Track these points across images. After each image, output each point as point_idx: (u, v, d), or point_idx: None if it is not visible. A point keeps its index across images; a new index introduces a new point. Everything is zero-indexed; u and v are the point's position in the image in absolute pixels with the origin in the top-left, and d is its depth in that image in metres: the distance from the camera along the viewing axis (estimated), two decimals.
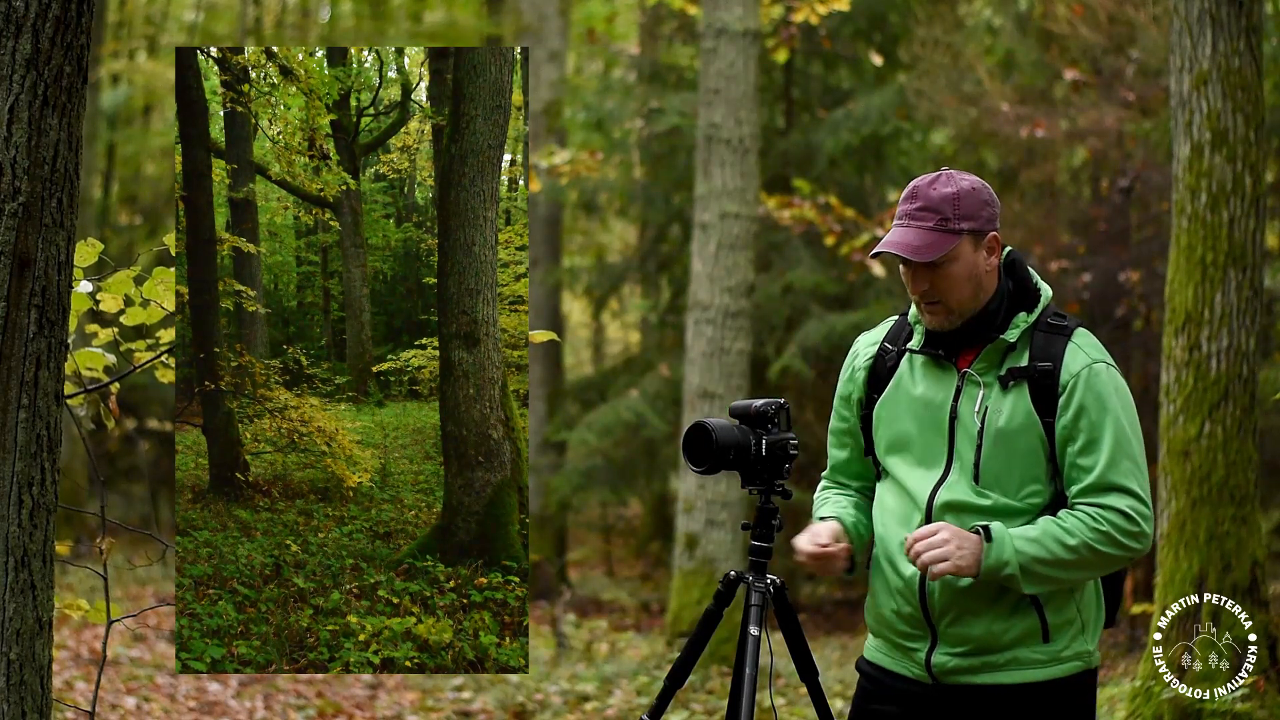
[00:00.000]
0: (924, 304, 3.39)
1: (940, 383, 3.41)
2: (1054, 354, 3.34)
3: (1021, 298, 3.41)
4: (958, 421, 3.37)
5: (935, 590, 3.36)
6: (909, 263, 3.36)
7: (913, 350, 3.46)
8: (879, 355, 3.53)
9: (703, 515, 10.63)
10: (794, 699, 8.09)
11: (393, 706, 8.74)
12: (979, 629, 3.34)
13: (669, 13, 15.53)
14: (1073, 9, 13.36)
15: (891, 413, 3.47)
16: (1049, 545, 3.25)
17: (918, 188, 3.38)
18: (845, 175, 14.18)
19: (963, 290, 3.35)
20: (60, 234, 3.21)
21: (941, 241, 3.32)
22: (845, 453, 3.64)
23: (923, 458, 3.41)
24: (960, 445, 3.36)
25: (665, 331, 15.44)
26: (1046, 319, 3.39)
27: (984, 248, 3.37)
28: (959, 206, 3.34)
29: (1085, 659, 3.39)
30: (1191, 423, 6.19)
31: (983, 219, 3.36)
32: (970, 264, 3.35)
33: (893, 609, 3.45)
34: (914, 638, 3.42)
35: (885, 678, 3.49)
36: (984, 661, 3.35)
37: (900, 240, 3.34)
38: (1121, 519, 3.26)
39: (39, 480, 3.21)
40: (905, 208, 3.38)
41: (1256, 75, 6.27)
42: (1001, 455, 3.33)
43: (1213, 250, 6.23)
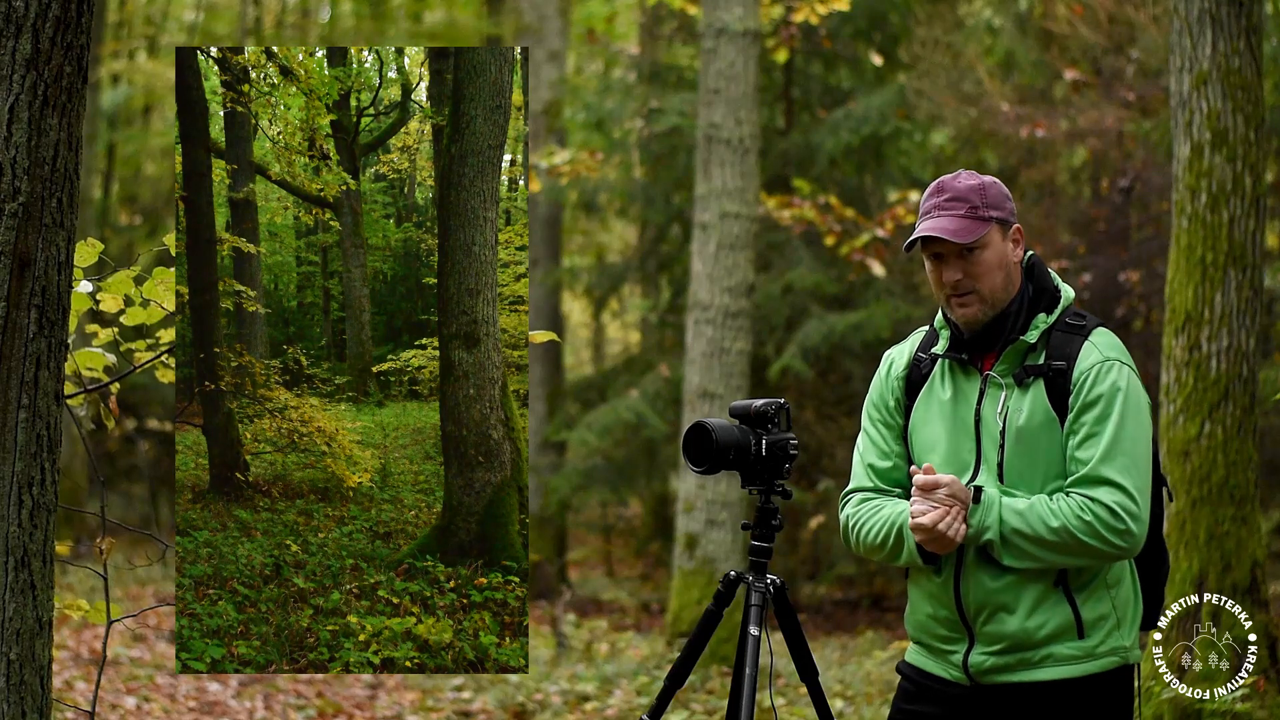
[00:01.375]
0: (955, 296, 3.42)
1: (965, 386, 3.46)
2: (1069, 353, 3.38)
3: (1040, 300, 3.45)
4: (981, 424, 3.41)
5: (969, 590, 3.39)
6: (940, 255, 3.41)
7: (938, 355, 3.49)
8: (914, 363, 3.56)
9: (703, 515, 10.63)
10: (794, 699, 8.09)
11: (393, 706, 8.74)
12: (1013, 625, 3.37)
13: (669, 13, 15.53)
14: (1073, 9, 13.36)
15: (924, 418, 3.50)
16: (1032, 520, 3.29)
17: (943, 182, 3.46)
18: (845, 175, 14.18)
19: (994, 278, 3.40)
20: (60, 234, 3.21)
21: (975, 227, 3.38)
22: (888, 462, 3.56)
23: (952, 461, 3.44)
24: (985, 447, 3.40)
25: (665, 331, 15.43)
26: (1066, 319, 3.44)
27: (1010, 238, 3.45)
28: (986, 196, 3.42)
29: (1122, 654, 3.41)
30: (1191, 423, 6.19)
31: (1007, 210, 3.45)
32: (1000, 252, 3.41)
33: (929, 613, 3.49)
34: (952, 640, 3.46)
35: (925, 680, 3.52)
36: (1020, 659, 3.38)
37: (936, 226, 3.39)
38: (1107, 514, 3.28)
39: (39, 480, 3.21)
40: (933, 201, 3.44)
41: (1256, 75, 6.27)
42: (1024, 454, 3.37)
43: (1213, 250, 6.23)
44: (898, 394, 3.56)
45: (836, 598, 14.41)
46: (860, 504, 3.55)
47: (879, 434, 3.57)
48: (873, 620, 13.03)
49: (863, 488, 3.57)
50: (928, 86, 13.90)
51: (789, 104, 14.43)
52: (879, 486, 3.55)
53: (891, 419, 3.56)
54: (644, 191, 14.63)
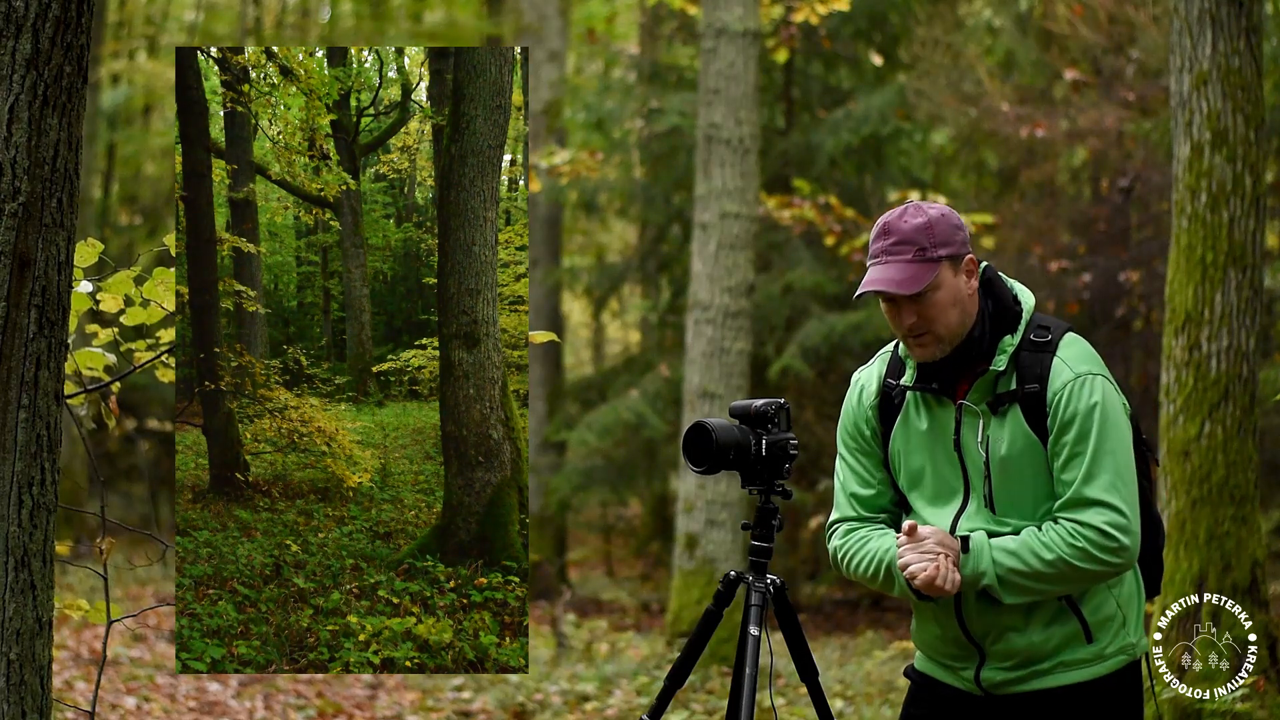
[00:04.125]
0: (912, 338, 3.36)
1: (941, 416, 3.42)
2: (1040, 373, 3.33)
3: (1002, 318, 3.39)
4: (964, 453, 3.38)
5: (972, 615, 3.39)
6: (893, 300, 3.34)
7: (908, 387, 3.44)
8: (883, 391, 3.50)
9: (703, 515, 10.63)
10: (794, 699, 8.09)
11: (393, 706, 8.74)
12: (1022, 643, 3.37)
13: (669, 13, 15.53)
14: (1073, 9, 13.36)
15: (905, 448, 3.47)
16: (1026, 557, 3.27)
17: (888, 223, 3.36)
18: (845, 175, 14.18)
19: (949, 317, 3.34)
20: (60, 234, 3.21)
21: (923, 272, 3.30)
22: (871, 490, 3.53)
23: (939, 491, 3.42)
24: (972, 476, 3.38)
25: (665, 331, 15.44)
26: (1030, 336, 3.37)
27: (963, 271, 3.36)
28: (933, 235, 3.33)
29: (1129, 651, 3.41)
30: (1191, 423, 6.19)
31: (957, 243, 3.35)
32: (953, 289, 3.34)
33: (937, 634, 3.49)
34: (962, 658, 3.46)
35: (936, 687, 3.53)
36: (1032, 671, 3.39)
37: (882, 277, 3.32)
38: (1098, 535, 3.25)
39: (39, 480, 3.21)
40: (879, 244, 3.36)
41: (1256, 75, 6.27)
42: (1011, 482, 3.35)
43: (1213, 250, 6.23)
44: (872, 423, 3.51)
45: (836, 598, 14.41)
46: (846, 535, 3.53)
47: (858, 463, 3.53)
48: (873, 620, 13.03)
49: (847, 517, 3.55)
50: (928, 86, 13.90)
51: (789, 104, 14.43)
52: (863, 515, 3.53)
53: (869, 446, 3.52)
54: (644, 191, 14.63)
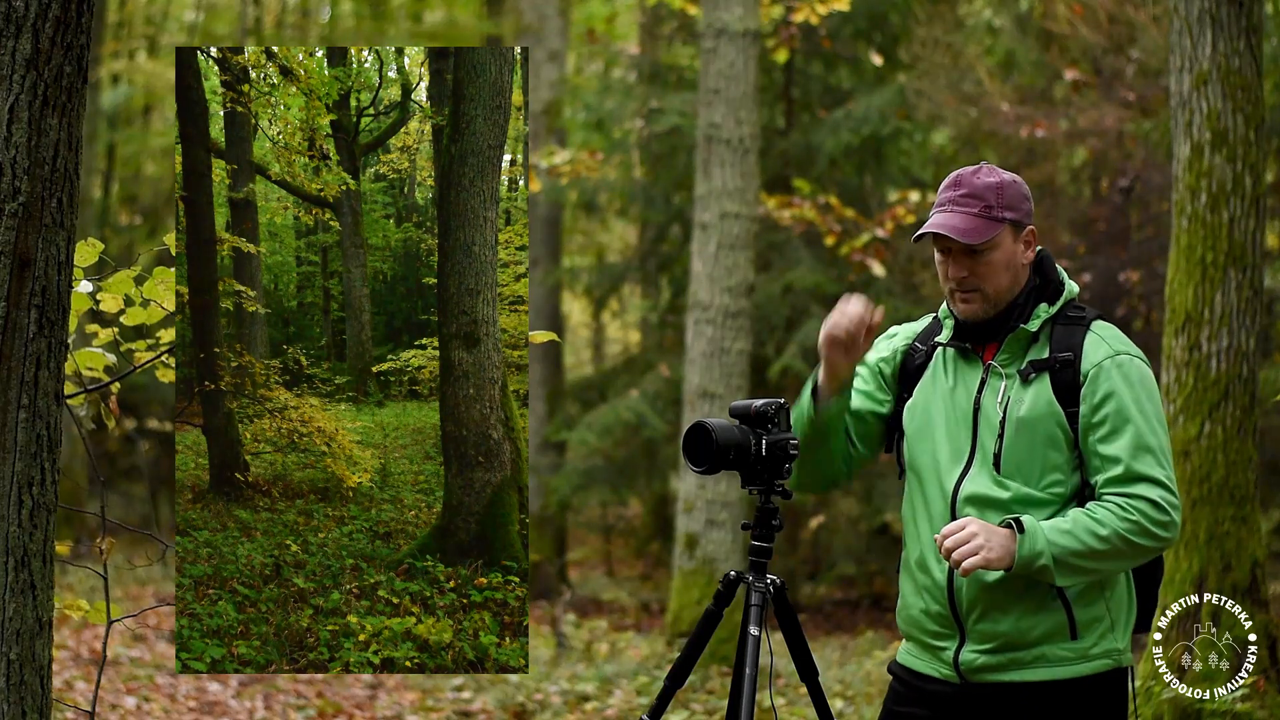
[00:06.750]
0: (959, 292, 3.41)
1: (967, 375, 3.46)
2: (1074, 344, 3.37)
3: (1045, 290, 3.44)
4: (980, 413, 3.40)
5: (963, 586, 3.38)
6: (948, 249, 3.40)
7: (941, 344, 3.49)
8: (909, 352, 3.58)
9: (703, 515, 10.63)
10: (794, 699, 8.09)
11: (393, 706, 8.74)
12: (1006, 624, 3.35)
13: (669, 13, 15.52)
14: (1073, 9, 13.36)
15: (923, 405, 3.50)
16: (1081, 536, 3.25)
17: (961, 176, 3.43)
18: (845, 175, 14.18)
19: (1000, 279, 3.39)
20: (60, 234, 3.21)
21: (986, 228, 3.36)
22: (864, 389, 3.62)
23: (948, 450, 3.44)
24: (983, 436, 3.39)
25: (665, 331, 15.44)
26: (1066, 311, 3.43)
27: (1022, 240, 3.42)
28: (1002, 196, 3.39)
29: (1115, 657, 3.38)
30: (1191, 423, 6.19)
31: (1023, 211, 3.42)
32: (1009, 254, 3.39)
33: (921, 609, 3.47)
34: (943, 636, 3.44)
35: (915, 680, 3.51)
36: (1011, 659, 3.36)
37: (946, 223, 3.36)
38: (1151, 508, 3.27)
39: (39, 480, 3.21)
40: (949, 194, 3.41)
41: (1256, 75, 6.27)
42: (1023, 444, 3.35)
43: (1213, 250, 6.23)
44: (892, 364, 3.61)
45: (836, 598, 14.41)
46: None
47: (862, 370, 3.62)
48: (873, 620, 13.03)
49: None
50: (928, 86, 13.90)
51: (789, 104, 14.43)
52: None
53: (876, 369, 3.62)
54: (644, 191, 14.63)
